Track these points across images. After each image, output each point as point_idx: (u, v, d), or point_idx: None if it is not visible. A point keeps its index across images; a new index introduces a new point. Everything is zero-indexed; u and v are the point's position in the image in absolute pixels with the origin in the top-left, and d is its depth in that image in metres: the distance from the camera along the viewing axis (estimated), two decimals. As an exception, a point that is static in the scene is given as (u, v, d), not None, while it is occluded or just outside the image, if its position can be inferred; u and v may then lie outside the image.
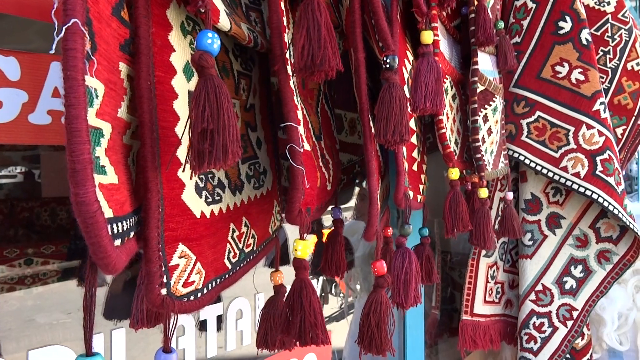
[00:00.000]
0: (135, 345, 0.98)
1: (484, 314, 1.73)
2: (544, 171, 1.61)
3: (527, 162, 1.62)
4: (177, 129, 0.62)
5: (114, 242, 0.48)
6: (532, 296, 1.71)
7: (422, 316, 1.45)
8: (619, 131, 1.88)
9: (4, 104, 0.73)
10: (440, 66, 0.97)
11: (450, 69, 1.28)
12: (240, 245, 0.78)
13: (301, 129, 0.75)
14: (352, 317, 2.29)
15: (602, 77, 1.85)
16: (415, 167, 1.15)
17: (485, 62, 1.41)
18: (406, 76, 1.07)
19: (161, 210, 0.58)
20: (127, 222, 0.52)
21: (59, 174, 1.60)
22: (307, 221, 0.70)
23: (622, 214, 1.57)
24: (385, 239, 1.07)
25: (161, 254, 0.57)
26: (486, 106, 1.42)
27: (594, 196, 1.56)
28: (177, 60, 0.63)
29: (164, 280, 0.57)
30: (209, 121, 0.49)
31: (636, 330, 2.00)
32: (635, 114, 1.89)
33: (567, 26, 1.61)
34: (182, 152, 0.62)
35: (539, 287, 1.71)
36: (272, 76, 0.94)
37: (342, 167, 1.30)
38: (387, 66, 0.84)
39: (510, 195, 1.53)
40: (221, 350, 1.15)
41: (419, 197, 1.16)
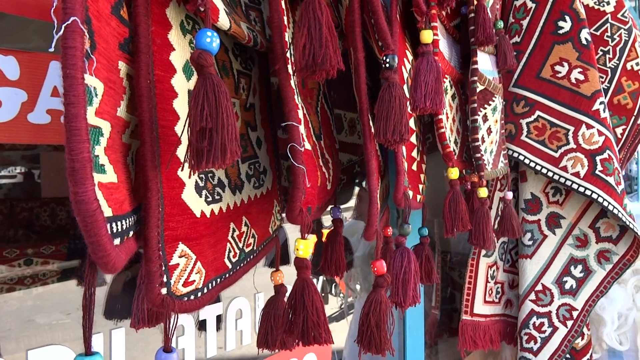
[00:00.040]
0: (135, 345, 0.98)
1: (484, 314, 1.73)
2: (544, 171, 1.61)
3: (526, 161, 1.62)
4: (176, 128, 0.62)
5: (114, 241, 0.48)
6: (532, 296, 1.71)
7: (422, 316, 1.45)
8: (619, 131, 1.88)
9: (3, 103, 0.73)
10: (440, 65, 0.97)
11: (449, 68, 1.28)
12: (240, 244, 0.77)
13: (302, 128, 0.74)
14: (352, 317, 2.29)
15: (602, 77, 1.85)
16: (414, 167, 1.14)
17: (484, 62, 1.41)
18: (406, 75, 1.07)
19: (161, 209, 0.58)
20: (126, 221, 0.52)
21: (58, 174, 1.60)
22: (308, 220, 0.70)
23: (622, 214, 1.57)
24: (385, 239, 1.07)
25: (161, 253, 0.57)
26: (486, 106, 1.42)
27: (594, 196, 1.56)
28: (176, 59, 0.63)
29: (164, 279, 0.57)
30: (208, 120, 0.49)
31: (636, 330, 2.00)
32: (634, 114, 1.89)
33: (566, 26, 1.61)
34: (182, 151, 0.62)
35: (539, 287, 1.71)
36: (272, 75, 0.94)
37: (342, 167, 1.30)
38: (387, 65, 0.84)
39: (509, 195, 1.53)
40: (221, 350, 1.15)
41: (419, 197, 1.16)
